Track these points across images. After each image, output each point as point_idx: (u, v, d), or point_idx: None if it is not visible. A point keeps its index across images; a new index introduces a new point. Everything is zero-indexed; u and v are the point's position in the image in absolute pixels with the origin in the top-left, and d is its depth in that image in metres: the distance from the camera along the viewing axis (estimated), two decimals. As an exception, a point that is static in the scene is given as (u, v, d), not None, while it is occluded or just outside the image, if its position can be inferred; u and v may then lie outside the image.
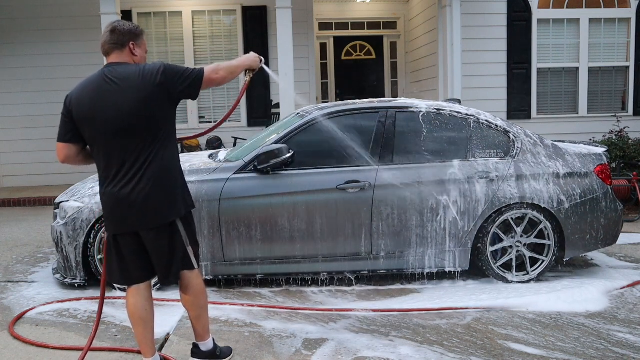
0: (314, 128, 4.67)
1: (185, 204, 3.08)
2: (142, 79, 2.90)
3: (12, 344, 3.67)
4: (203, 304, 3.22)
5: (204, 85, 3.04)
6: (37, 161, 9.77)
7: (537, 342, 3.61)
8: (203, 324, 3.26)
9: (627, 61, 9.91)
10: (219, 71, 3.11)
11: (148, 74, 2.91)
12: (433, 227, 4.59)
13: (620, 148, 8.17)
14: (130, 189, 2.90)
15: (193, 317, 3.24)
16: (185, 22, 10.00)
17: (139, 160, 2.91)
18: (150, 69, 2.94)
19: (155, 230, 2.97)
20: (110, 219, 3.01)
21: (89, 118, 2.90)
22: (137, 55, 3.06)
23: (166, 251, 3.01)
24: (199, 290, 3.18)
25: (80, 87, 2.99)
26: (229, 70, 3.17)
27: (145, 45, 3.15)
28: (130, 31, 3.05)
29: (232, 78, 3.22)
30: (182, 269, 3.09)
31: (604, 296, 4.39)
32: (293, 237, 4.51)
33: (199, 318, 3.24)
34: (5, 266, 5.44)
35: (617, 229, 4.92)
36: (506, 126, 4.86)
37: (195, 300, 3.18)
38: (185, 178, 4.41)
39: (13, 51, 9.67)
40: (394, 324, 3.93)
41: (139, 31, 3.10)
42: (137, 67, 2.97)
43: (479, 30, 9.61)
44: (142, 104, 2.87)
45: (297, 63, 8.58)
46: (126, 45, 3.02)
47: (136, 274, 3.05)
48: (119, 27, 3.03)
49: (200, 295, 3.19)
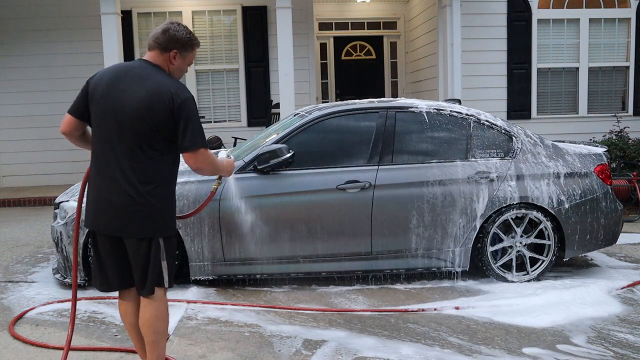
0: (314, 128, 4.67)
1: (165, 227, 2.89)
2: (159, 92, 2.75)
3: (12, 344, 3.67)
4: (162, 329, 2.92)
5: (186, 158, 2.87)
6: (37, 161, 9.77)
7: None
8: (158, 355, 2.94)
9: (627, 61, 9.91)
10: (206, 164, 2.91)
11: (167, 92, 2.75)
12: (433, 227, 4.59)
13: (620, 148, 8.18)
14: (112, 188, 2.79)
15: (147, 342, 2.92)
16: (185, 22, 9.98)
17: (126, 164, 2.77)
18: (173, 90, 2.77)
19: (134, 239, 2.83)
20: (88, 210, 2.92)
21: (98, 101, 2.82)
22: (174, 65, 2.91)
23: (142, 264, 2.85)
24: (160, 312, 2.90)
25: (107, 69, 2.94)
26: (212, 170, 3.04)
27: (190, 59, 2.98)
28: (179, 40, 2.88)
29: (209, 174, 3.10)
30: (157, 285, 2.87)
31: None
32: (293, 237, 4.51)
33: (154, 345, 2.92)
34: (5, 266, 5.44)
35: (617, 229, 4.92)
36: (506, 126, 4.86)
37: (153, 323, 2.88)
38: (185, 178, 4.48)
39: (13, 51, 9.67)
40: (394, 324, 3.93)
41: (190, 43, 2.93)
42: (163, 78, 2.82)
43: (479, 30, 9.61)
44: (144, 113, 2.73)
45: (297, 63, 8.58)
46: (169, 51, 2.87)
47: (114, 280, 2.94)
48: (171, 30, 2.88)
49: (161, 318, 2.90)
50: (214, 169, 3.04)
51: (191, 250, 4.51)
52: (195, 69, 9.95)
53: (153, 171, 2.82)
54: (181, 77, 3.03)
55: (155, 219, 2.84)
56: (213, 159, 2.97)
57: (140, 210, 2.80)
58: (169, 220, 2.93)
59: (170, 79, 2.86)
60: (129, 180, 2.78)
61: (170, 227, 2.94)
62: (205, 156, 2.87)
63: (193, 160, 2.85)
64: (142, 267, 2.85)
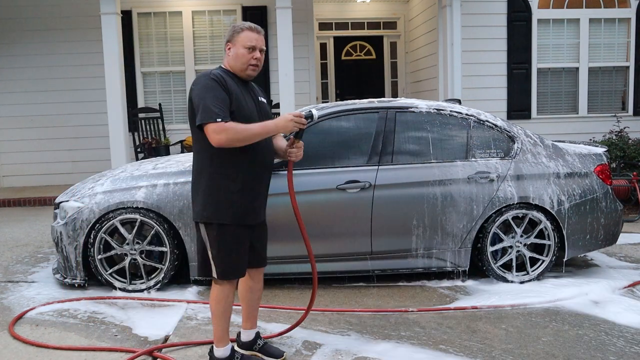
0: (314, 128, 4.66)
1: (203, 212, 3.05)
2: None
3: (12, 344, 3.67)
4: (213, 310, 3.17)
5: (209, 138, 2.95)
6: (37, 161, 9.77)
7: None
8: (213, 330, 3.21)
9: (627, 61, 9.91)
10: (220, 137, 2.88)
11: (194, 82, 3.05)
12: (433, 227, 4.59)
13: (620, 148, 8.18)
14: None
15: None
16: (185, 22, 9.99)
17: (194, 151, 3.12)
18: (195, 79, 3.06)
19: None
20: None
21: None
22: (229, 56, 3.11)
23: (200, 247, 3.15)
24: (211, 296, 3.16)
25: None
26: (234, 139, 2.90)
27: (241, 42, 3.05)
28: (227, 33, 3.12)
29: (238, 144, 2.93)
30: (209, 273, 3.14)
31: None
32: (293, 237, 4.49)
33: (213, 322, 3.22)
34: (5, 266, 5.44)
35: (617, 229, 4.92)
36: (506, 126, 4.86)
37: (210, 304, 3.20)
38: (186, 178, 4.49)
39: (13, 51, 9.67)
40: (394, 324, 3.93)
41: (235, 29, 3.09)
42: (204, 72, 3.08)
43: (479, 30, 9.61)
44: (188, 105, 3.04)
45: (297, 63, 8.59)
46: (225, 47, 3.13)
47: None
48: (230, 28, 3.14)
49: (211, 301, 3.17)
50: (239, 138, 2.90)
51: (191, 250, 4.51)
52: (195, 69, 9.95)
53: (199, 162, 3.08)
54: (244, 63, 3.08)
55: (197, 204, 3.12)
56: (231, 129, 2.87)
57: (194, 196, 3.15)
58: (208, 206, 3.06)
59: (209, 70, 3.06)
60: (192, 169, 3.18)
61: (206, 215, 3.08)
62: (214, 129, 2.86)
63: (209, 138, 2.93)
64: (201, 252, 3.16)
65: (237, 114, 2.97)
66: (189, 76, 9.93)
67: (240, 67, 3.09)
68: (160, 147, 9.21)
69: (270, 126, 2.98)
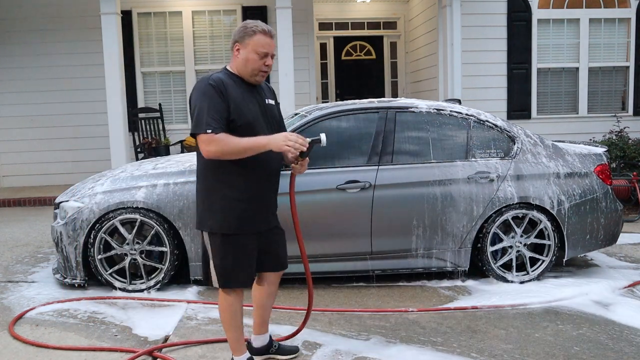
0: (314, 128, 4.66)
1: (207, 220, 2.97)
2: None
3: (12, 344, 3.67)
4: (221, 319, 3.13)
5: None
6: (37, 161, 9.77)
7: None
8: (227, 339, 3.16)
9: (627, 61, 9.91)
10: (209, 148, 2.78)
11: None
12: (433, 227, 4.59)
13: (620, 148, 8.18)
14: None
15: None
16: (185, 22, 9.99)
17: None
18: (196, 83, 2.95)
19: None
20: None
21: None
22: (238, 58, 2.92)
23: (203, 253, 3.14)
24: (219, 304, 3.11)
25: None
26: (222, 152, 2.80)
27: (253, 46, 2.86)
28: (237, 32, 2.91)
29: (228, 157, 2.83)
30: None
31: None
32: (293, 237, 4.49)
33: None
34: (5, 266, 5.44)
35: (617, 229, 4.92)
36: (506, 126, 4.86)
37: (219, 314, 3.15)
38: (186, 178, 4.49)
39: (13, 51, 9.67)
40: (394, 324, 3.93)
41: (246, 30, 2.88)
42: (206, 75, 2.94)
43: (479, 30, 9.61)
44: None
45: (297, 63, 8.58)
46: (233, 47, 2.94)
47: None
48: (237, 27, 2.96)
49: (219, 310, 3.12)
50: (228, 151, 2.79)
51: (191, 250, 4.51)
52: (195, 69, 9.95)
53: (200, 169, 3.01)
54: (254, 69, 2.91)
55: (199, 212, 3.06)
56: (221, 141, 2.76)
57: (198, 203, 3.09)
58: (212, 216, 2.98)
59: (211, 74, 2.93)
60: (196, 175, 3.11)
61: (209, 224, 3.00)
62: (204, 140, 2.77)
63: (200, 148, 2.85)
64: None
65: (238, 121, 2.84)
66: (189, 76, 9.93)
67: (249, 72, 2.92)
68: (160, 147, 9.22)
69: (263, 142, 2.82)
